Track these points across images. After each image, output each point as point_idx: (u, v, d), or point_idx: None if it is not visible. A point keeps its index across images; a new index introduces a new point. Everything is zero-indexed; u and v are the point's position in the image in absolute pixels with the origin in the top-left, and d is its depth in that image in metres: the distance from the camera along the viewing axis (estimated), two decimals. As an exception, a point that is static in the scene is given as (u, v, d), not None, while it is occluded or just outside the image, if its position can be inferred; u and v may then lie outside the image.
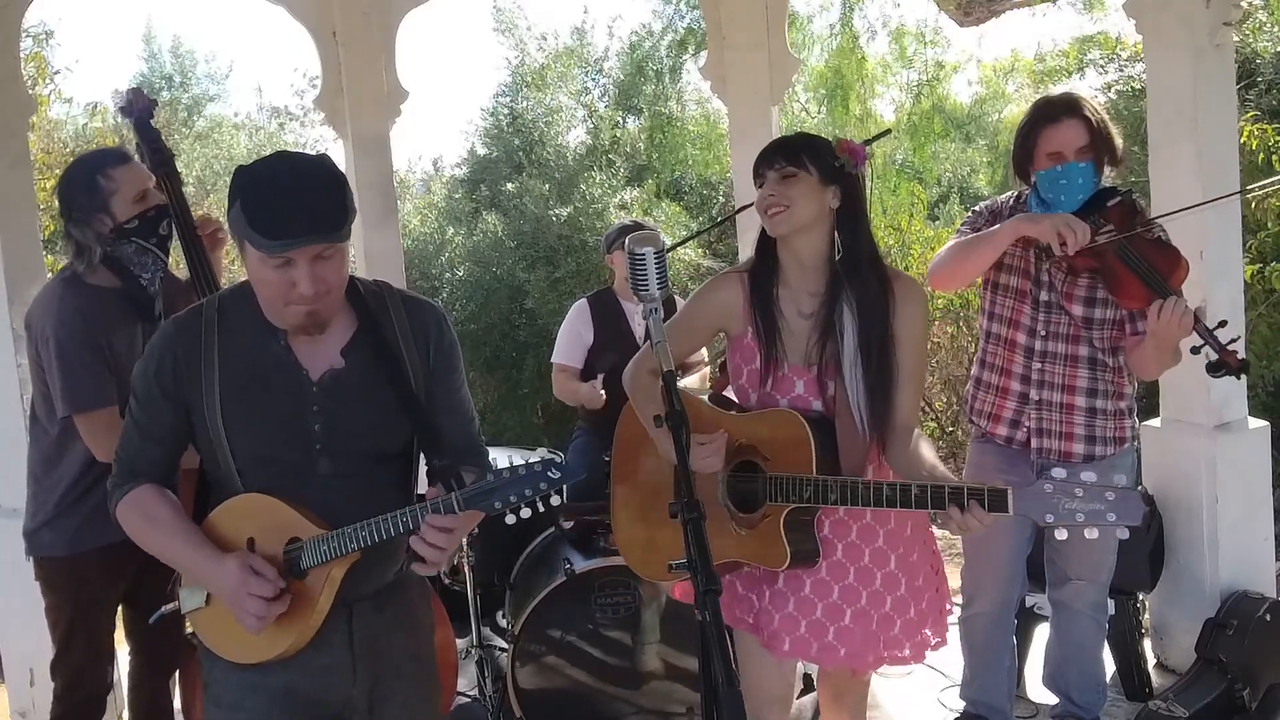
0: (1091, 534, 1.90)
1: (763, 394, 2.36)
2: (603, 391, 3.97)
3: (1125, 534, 1.91)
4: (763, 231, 2.39)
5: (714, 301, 2.43)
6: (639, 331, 4.13)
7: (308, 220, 1.75)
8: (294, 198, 1.75)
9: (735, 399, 2.47)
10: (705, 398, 2.55)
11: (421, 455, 2.02)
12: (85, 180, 2.69)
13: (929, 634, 2.41)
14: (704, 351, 3.92)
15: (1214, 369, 2.66)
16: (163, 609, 2.09)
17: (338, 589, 1.87)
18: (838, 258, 2.29)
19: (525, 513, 1.80)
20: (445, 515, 1.79)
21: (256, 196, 1.76)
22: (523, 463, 1.79)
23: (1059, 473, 1.92)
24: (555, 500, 1.79)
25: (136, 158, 2.83)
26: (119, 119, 3.30)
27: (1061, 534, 1.93)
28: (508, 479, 1.78)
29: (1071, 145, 2.76)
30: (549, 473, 1.76)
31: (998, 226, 2.83)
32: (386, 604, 2.00)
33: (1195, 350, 2.65)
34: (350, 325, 1.94)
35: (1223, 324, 2.66)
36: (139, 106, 2.97)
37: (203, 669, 2.01)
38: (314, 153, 1.91)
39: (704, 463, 2.24)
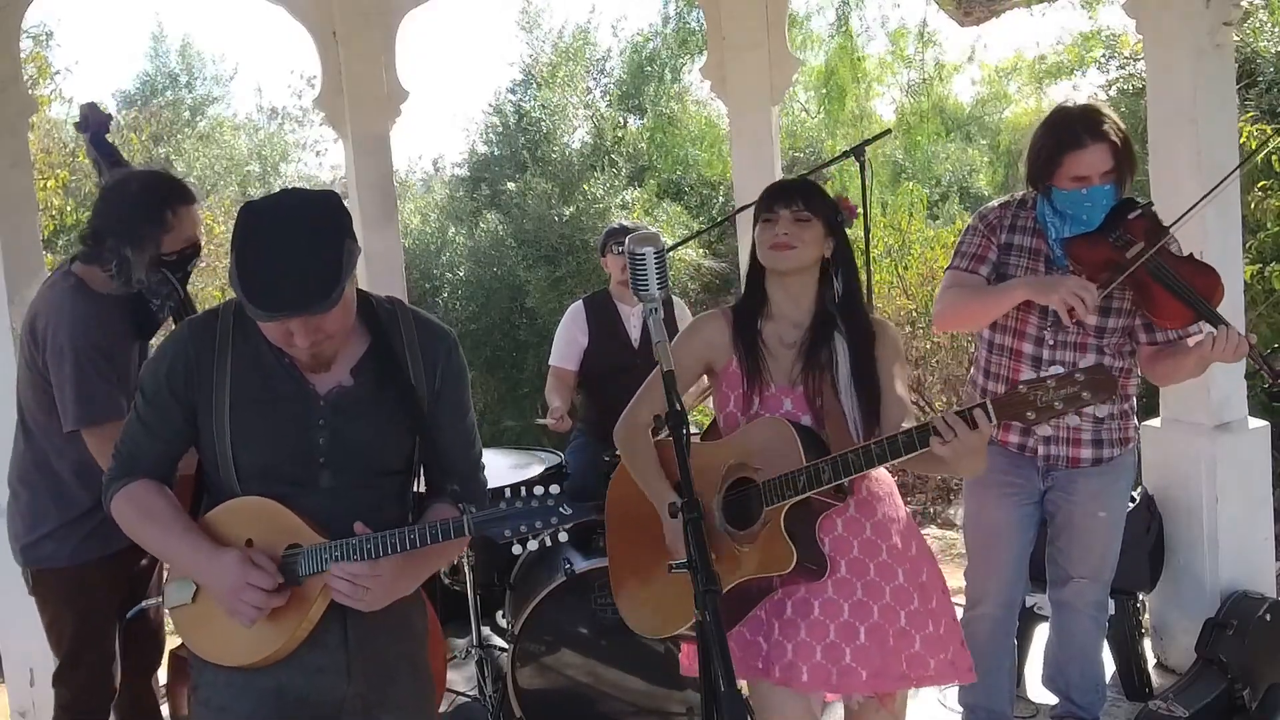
0: (1073, 420, 1.92)
1: (751, 415, 2.40)
2: (565, 420, 4.06)
3: (1104, 411, 1.93)
4: (752, 266, 2.48)
5: (699, 338, 2.49)
6: (635, 334, 4.13)
7: (295, 297, 1.74)
8: (285, 272, 1.74)
9: (723, 428, 2.48)
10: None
11: (423, 468, 2.03)
12: (154, 210, 2.63)
13: (952, 657, 2.37)
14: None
15: (1276, 396, 2.65)
16: (142, 604, 2.08)
17: (331, 599, 1.86)
18: (836, 301, 2.42)
19: (533, 545, 1.81)
20: (362, 563, 1.81)
21: (250, 263, 1.75)
22: (539, 494, 1.80)
23: (1028, 374, 1.93)
24: (563, 537, 1.81)
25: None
26: (74, 134, 3.28)
27: (1045, 429, 1.93)
28: (520, 509, 1.79)
29: (1097, 169, 2.70)
30: (561, 508, 1.79)
31: (1004, 287, 2.79)
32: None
33: (1249, 376, 2.64)
34: (362, 343, 1.95)
35: (1275, 349, 2.67)
36: (94, 122, 2.93)
37: (192, 671, 2.00)
38: (321, 189, 1.90)
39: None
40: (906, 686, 2.38)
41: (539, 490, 1.82)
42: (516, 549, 1.80)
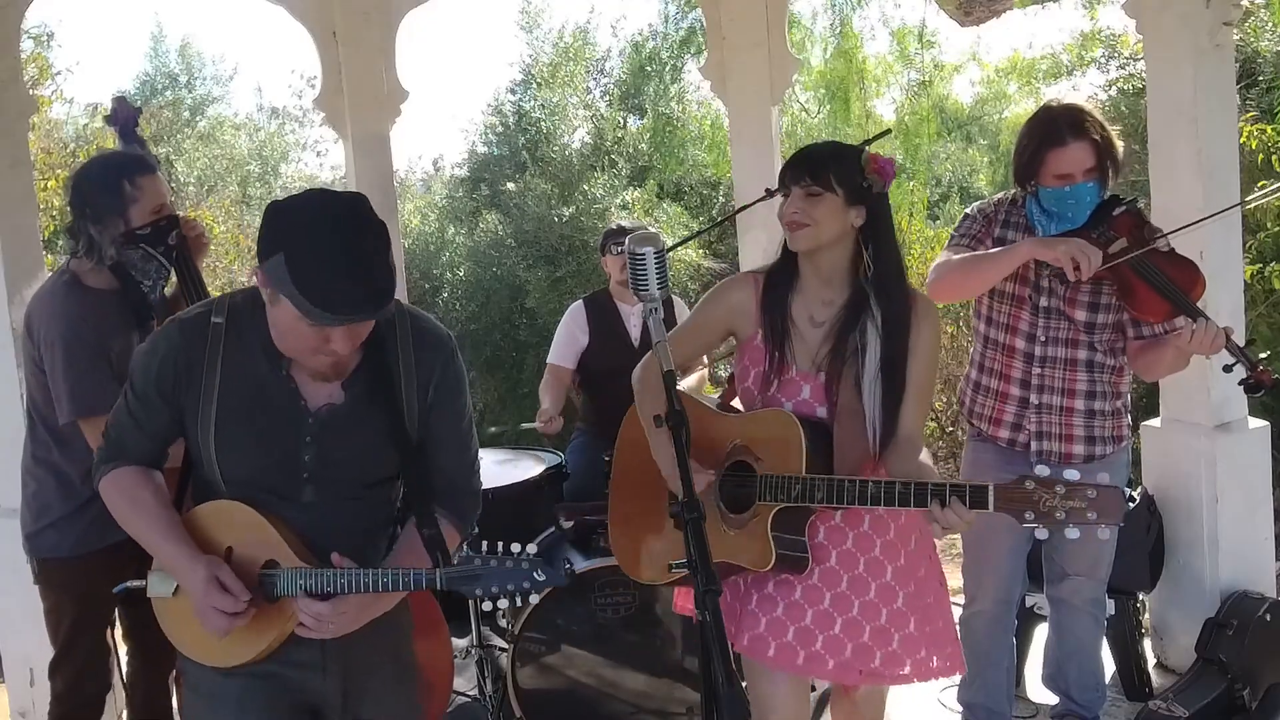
0: (1072, 533, 1.86)
1: (767, 397, 2.35)
2: (555, 422, 3.96)
3: (1107, 534, 1.86)
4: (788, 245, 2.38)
5: (726, 302, 2.42)
6: (635, 333, 4.13)
7: (362, 302, 1.71)
8: (351, 275, 1.68)
9: (740, 401, 2.46)
10: (704, 402, 2.52)
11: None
12: (109, 181, 2.67)
13: (936, 659, 2.35)
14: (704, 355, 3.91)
15: (1252, 389, 2.67)
16: (127, 583, 2.08)
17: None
18: (869, 274, 2.28)
19: (504, 604, 1.82)
20: (325, 605, 1.82)
21: (312, 266, 1.67)
22: (514, 554, 1.80)
23: (1042, 469, 1.89)
24: (534, 599, 1.81)
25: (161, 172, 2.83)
26: (104, 128, 3.32)
27: (1042, 533, 1.89)
28: (494, 569, 1.79)
29: (1079, 167, 2.74)
30: (535, 574, 1.79)
31: (1008, 247, 2.80)
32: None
33: (1228, 369, 2.66)
34: (355, 356, 1.91)
35: (1251, 342, 2.68)
36: (123, 116, 2.97)
37: (179, 657, 2.00)
38: (349, 190, 1.87)
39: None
40: (874, 683, 2.39)
41: (515, 549, 1.81)
42: (486, 605, 1.81)
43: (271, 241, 1.71)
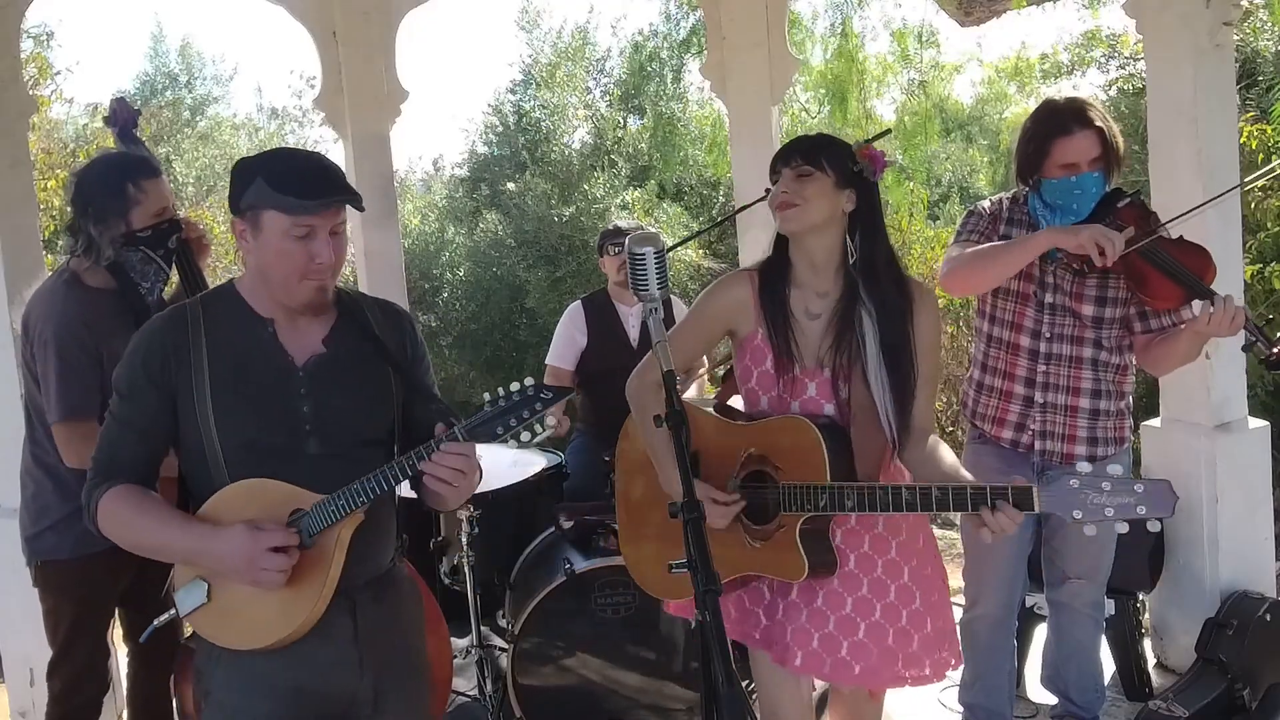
0: (1122, 528, 1.85)
1: (773, 397, 2.33)
2: (564, 422, 4.01)
3: (1157, 526, 1.86)
4: (779, 232, 2.38)
5: (724, 300, 2.39)
6: (634, 334, 4.13)
7: (335, 184, 1.88)
8: (317, 167, 1.91)
9: (744, 402, 2.44)
10: (711, 409, 2.47)
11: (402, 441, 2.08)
12: (113, 183, 2.68)
13: (946, 654, 2.35)
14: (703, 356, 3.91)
15: (1273, 365, 2.65)
16: (154, 623, 2.06)
17: (346, 553, 1.88)
18: (852, 261, 2.28)
19: (526, 436, 1.85)
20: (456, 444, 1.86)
21: (283, 167, 1.88)
22: (516, 390, 1.85)
23: (1084, 467, 1.87)
24: (551, 421, 1.86)
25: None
26: (104, 128, 3.30)
27: (1090, 530, 1.87)
28: (504, 406, 1.85)
29: (1085, 156, 2.74)
30: (542, 394, 1.84)
31: (1027, 237, 2.78)
32: (383, 596, 2.04)
33: (1246, 348, 2.66)
34: (331, 316, 2.01)
35: (1269, 320, 2.66)
36: (123, 117, 2.98)
37: (201, 677, 1.99)
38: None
39: (713, 521, 2.19)
40: (900, 685, 2.37)
41: (515, 386, 1.86)
42: (512, 442, 1.85)
43: (247, 177, 1.88)
